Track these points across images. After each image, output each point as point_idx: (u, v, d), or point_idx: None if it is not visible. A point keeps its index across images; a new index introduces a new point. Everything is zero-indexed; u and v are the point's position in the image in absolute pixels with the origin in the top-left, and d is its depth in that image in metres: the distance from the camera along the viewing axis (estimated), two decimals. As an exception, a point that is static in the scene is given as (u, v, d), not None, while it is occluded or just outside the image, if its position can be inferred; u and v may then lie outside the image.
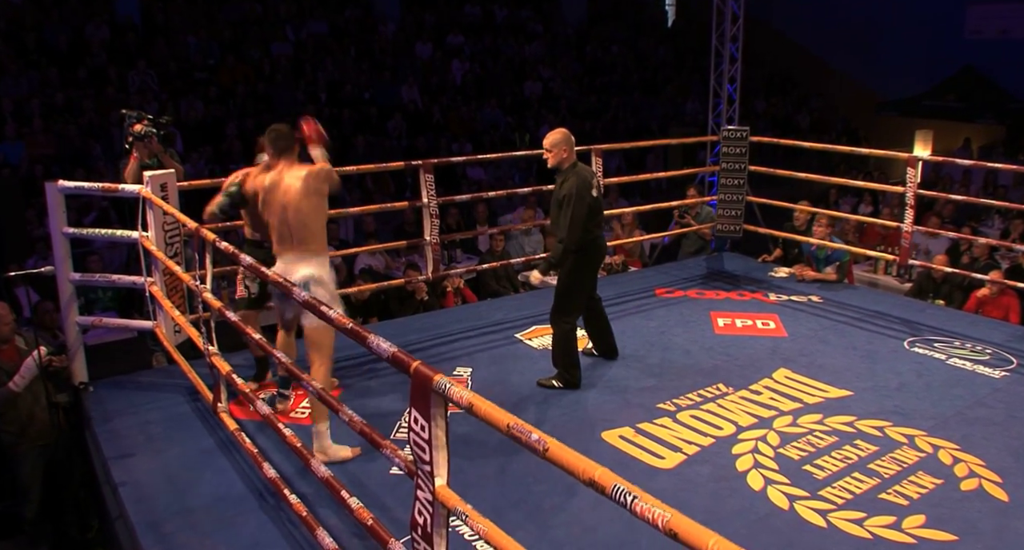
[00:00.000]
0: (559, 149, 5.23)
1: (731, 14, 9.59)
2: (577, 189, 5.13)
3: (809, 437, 4.73)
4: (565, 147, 5.24)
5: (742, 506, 4.05)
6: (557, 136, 5.27)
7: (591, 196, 5.20)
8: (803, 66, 20.82)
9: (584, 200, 5.14)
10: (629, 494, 1.66)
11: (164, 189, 5.32)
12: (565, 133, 5.32)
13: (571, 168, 5.25)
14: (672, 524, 1.55)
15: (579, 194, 5.13)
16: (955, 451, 4.59)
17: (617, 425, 4.82)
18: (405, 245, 7.33)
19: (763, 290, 7.37)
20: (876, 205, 11.95)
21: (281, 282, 3.06)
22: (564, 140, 5.25)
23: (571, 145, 5.27)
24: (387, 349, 2.30)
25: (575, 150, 5.33)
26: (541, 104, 16.16)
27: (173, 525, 3.92)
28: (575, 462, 1.77)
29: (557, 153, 5.24)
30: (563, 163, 5.26)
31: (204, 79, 13.90)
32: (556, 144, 5.23)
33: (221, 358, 4.27)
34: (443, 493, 2.21)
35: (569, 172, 5.24)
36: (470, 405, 2.01)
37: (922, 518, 3.95)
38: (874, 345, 6.18)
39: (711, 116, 9.63)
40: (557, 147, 5.23)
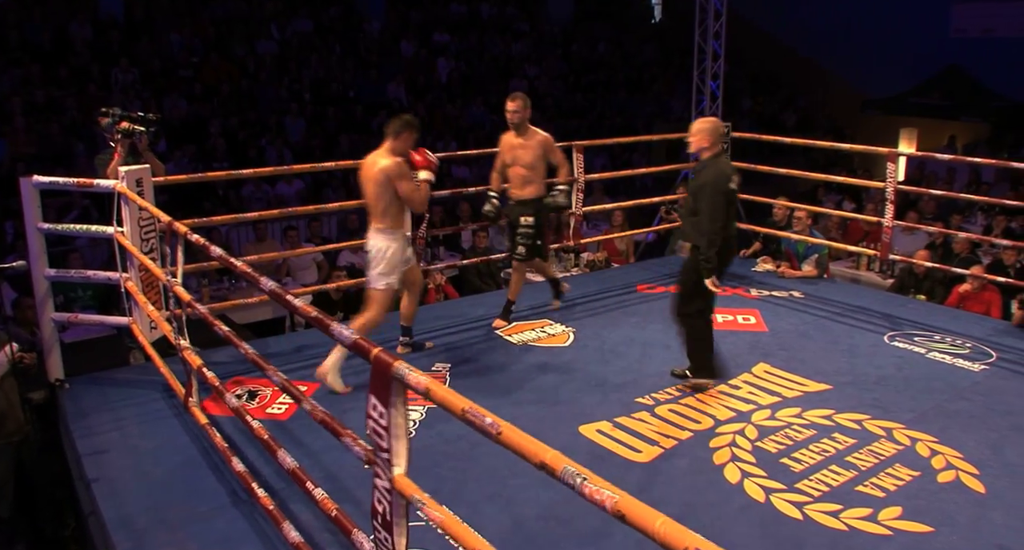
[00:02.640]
0: (701, 136, 5.03)
1: (714, 11, 9.59)
2: (715, 179, 4.97)
3: (787, 430, 4.72)
4: (708, 136, 5.03)
5: (718, 499, 4.03)
6: (703, 124, 5.10)
7: (728, 188, 4.99)
8: (789, 65, 20.85)
9: (721, 188, 4.95)
10: (578, 476, 1.64)
11: (140, 184, 5.28)
12: (713, 122, 5.15)
13: (712, 159, 5.05)
14: (620, 506, 1.53)
15: (716, 184, 4.96)
16: (933, 444, 4.59)
17: (595, 419, 4.81)
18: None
19: (745, 286, 7.37)
20: (859, 202, 11.98)
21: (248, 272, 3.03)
22: (709, 129, 5.05)
23: (716, 135, 5.05)
24: (349, 336, 2.28)
25: (719, 143, 5.08)
26: (527, 102, 16.13)
27: (145, 521, 3.89)
28: (527, 445, 1.76)
29: (698, 140, 5.04)
30: (703, 152, 5.07)
31: (188, 77, 13.83)
32: (699, 131, 5.05)
33: (193, 353, 4.24)
34: (401, 482, 2.19)
35: (708, 162, 5.06)
36: (427, 390, 1.99)
37: (898, 510, 3.94)
38: (854, 340, 6.18)
39: (694, 113, 9.64)
40: (699, 134, 5.04)
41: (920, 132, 17.41)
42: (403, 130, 5.14)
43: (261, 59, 14.67)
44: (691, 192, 5.18)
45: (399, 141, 5.13)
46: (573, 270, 8.74)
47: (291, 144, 12.85)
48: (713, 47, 9.68)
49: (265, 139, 12.77)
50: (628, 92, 17.45)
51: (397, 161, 5.05)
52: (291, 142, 12.93)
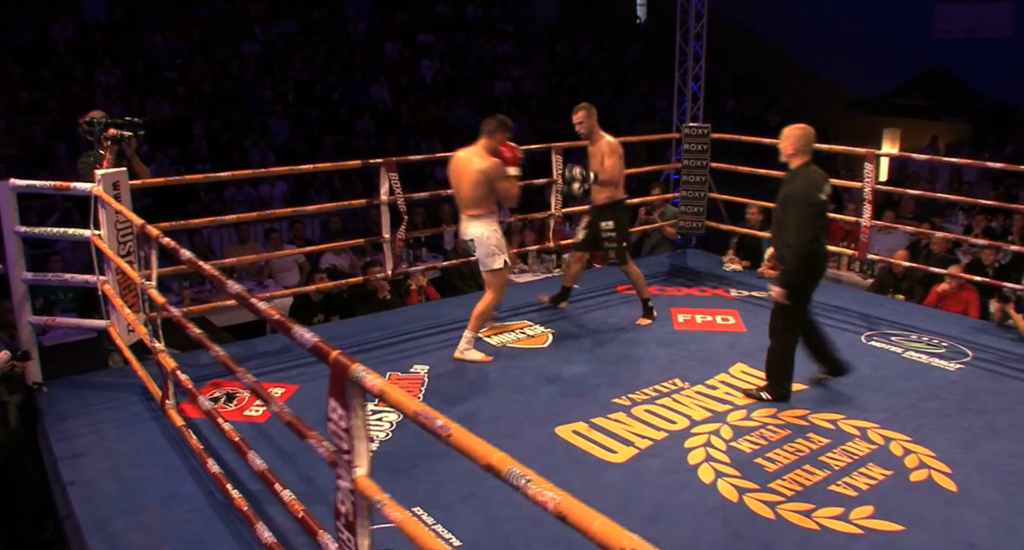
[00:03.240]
0: (788, 143, 4.89)
1: (695, 12, 9.62)
2: (805, 190, 4.80)
3: (762, 430, 4.74)
4: (796, 143, 4.88)
5: (692, 499, 4.05)
6: (794, 130, 4.92)
7: (818, 198, 4.82)
8: (773, 66, 20.93)
9: (811, 199, 4.78)
10: (523, 477, 1.66)
11: (116, 187, 5.27)
12: (804, 129, 4.92)
13: (801, 167, 4.89)
14: (561, 507, 1.55)
15: (806, 195, 4.79)
16: (906, 443, 4.62)
17: (571, 420, 4.82)
18: (364, 243, 7.30)
19: (725, 286, 7.41)
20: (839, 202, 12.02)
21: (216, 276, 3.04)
22: (799, 136, 4.89)
23: (806, 143, 4.89)
24: (309, 339, 2.29)
25: (809, 151, 4.92)
26: (511, 104, 16.16)
27: (120, 523, 3.89)
28: (475, 447, 1.78)
29: (786, 147, 4.92)
30: (792, 160, 4.92)
31: (171, 79, 13.81)
32: (787, 137, 4.91)
33: (168, 355, 4.24)
34: (362, 483, 2.20)
35: (798, 171, 4.89)
36: (382, 392, 2.00)
37: (870, 509, 3.97)
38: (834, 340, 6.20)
39: (676, 114, 9.67)
40: (787, 141, 4.90)
41: (903, 132, 17.51)
42: (497, 130, 5.48)
43: (245, 61, 14.66)
44: (779, 202, 5.00)
45: (493, 139, 5.48)
46: (556, 271, 8.75)
47: (274, 146, 12.84)
48: (695, 48, 9.71)
49: (248, 141, 12.76)
50: (613, 93, 17.47)
51: (496, 163, 5.42)
52: (274, 144, 12.92)
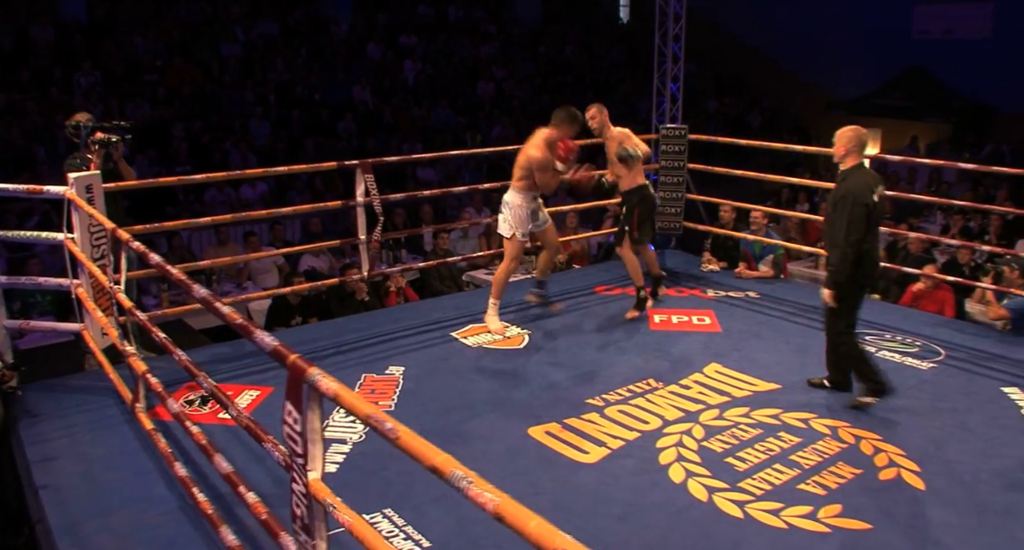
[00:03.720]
0: (840, 144, 4.88)
1: (673, 14, 9.65)
2: (856, 190, 4.78)
3: (734, 430, 4.77)
4: (848, 144, 4.87)
5: (662, 499, 4.07)
6: (846, 131, 4.91)
7: (870, 199, 4.78)
8: (755, 66, 21.03)
9: (861, 200, 4.75)
10: (464, 479, 1.68)
11: (90, 190, 5.26)
12: (856, 130, 4.92)
13: (853, 168, 4.88)
14: (499, 508, 1.57)
15: (857, 196, 4.76)
16: (876, 442, 4.66)
17: (544, 421, 4.83)
18: (340, 244, 7.31)
19: (702, 286, 7.43)
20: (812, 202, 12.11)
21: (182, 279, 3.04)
22: (851, 137, 4.88)
23: (857, 144, 4.88)
24: (269, 343, 2.30)
25: (862, 152, 4.92)
26: (494, 105, 16.17)
27: (91, 527, 3.88)
28: (421, 449, 1.80)
29: (838, 148, 4.90)
30: (844, 161, 4.90)
31: (152, 80, 13.77)
32: (839, 138, 4.90)
33: (138, 359, 4.24)
34: (316, 486, 2.21)
35: (849, 172, 4.89)
36: (336, 396, 2.01)
37: (838, 507, 4.00)
38: (806, 339, 6.23)
39: (655, 115, 9.70)
40: (839, 142, 4.89)
41: (884, 132, 17.60)
42: (564, 122, 5.92)
43: (226, 62, 14.63)
44: (831, 202, 5.00)
45: (558, 130, 5.93)
46: (534, 271, 8.75)
47: (255, 147, 12.82)
48: (673, 49, 9.75)
49: (229, 142, 12.73)
50: (595, 94, 17.49)
51: (545, 157, 5.88)
52: (255, 145, 12.90)
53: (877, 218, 4.94)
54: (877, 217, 4.93)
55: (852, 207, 4.78)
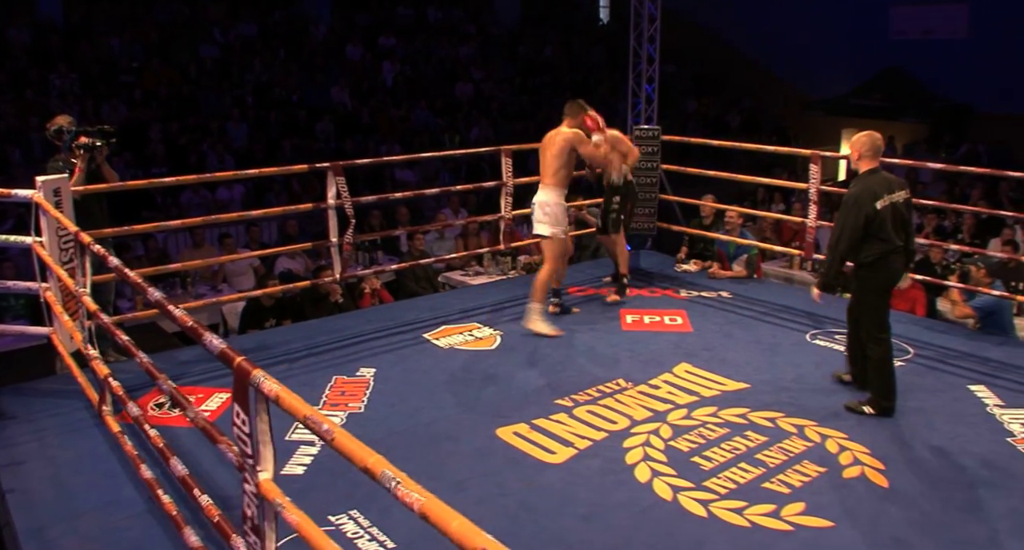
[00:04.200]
0: (854, 149, 4.91)
1: (648, 15, 9.68)
2: (857, 196, 4.78)
3: (701, 429, 4.79)
4: (861, 149, 4.88)
5: (627, 498, 4.09)
6: (860, 137, 4.92)
7: (872, 206, 4.75)
8: (735, 67, 21.11)
9: (861, 207, 4.74)
10: (394, 480, 1.69)
11: (58, 194, 5.24)
12: (870, 136, 4.91)
13: (866, 174, 4.88)
14: (424, 508, 1.59)
15: (857, 202, 4.77)
16: (842, 440, 4.69)
17: (512, 422, 4.84)
18: (311, 246, 7.31)
19: (675, 287, 7.46)
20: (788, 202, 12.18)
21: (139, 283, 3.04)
22: (864, 142, 4.88)
23: (871, 149, 4.86)
24: (217, 346, 2.31)
25: (876, 157, 4.89)
26: (472, 106, 16.18)
27: (58, 530, 3.87)
28: (355, 450, 1.81)
29: (853, 154, 4.94)
30: (859, 165, 4.91)
31: (128, 82, 13.71)
32: (852, 144, 4.94)
33: (101, 362, 4.23)
34: (266, 486, 2.22)
35: (861, 177, 4.90)
36: (277, 398, 2.02)
37: (801, 505, 4.02)
38: (777, 338, 6.29)
39: (630, 116, 9.73)
40: (853, 147, 4.92)
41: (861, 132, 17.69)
42: (579, 112, 6.24)
43: (203, 63, 14.58)
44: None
45: (576, 119, 6.24)
46: (511, 273, 8.79)
47: (233, 149, 12.79)
48: (648, 50, 9.78)
49: (206, 144, 12.69)
50: (575, 94, 17.47)
51: (577, 132, 6.17)
52: (233, 147, 12.87)
53: (889, 223, 4.84)
54: (888, 222, 4.83)
55: (848, 211, 4.82)
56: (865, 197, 4.78)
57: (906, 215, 4.96)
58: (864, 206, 4.77)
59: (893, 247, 4.86)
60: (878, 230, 4.80)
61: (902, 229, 4.92)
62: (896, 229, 4.87)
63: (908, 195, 4.97)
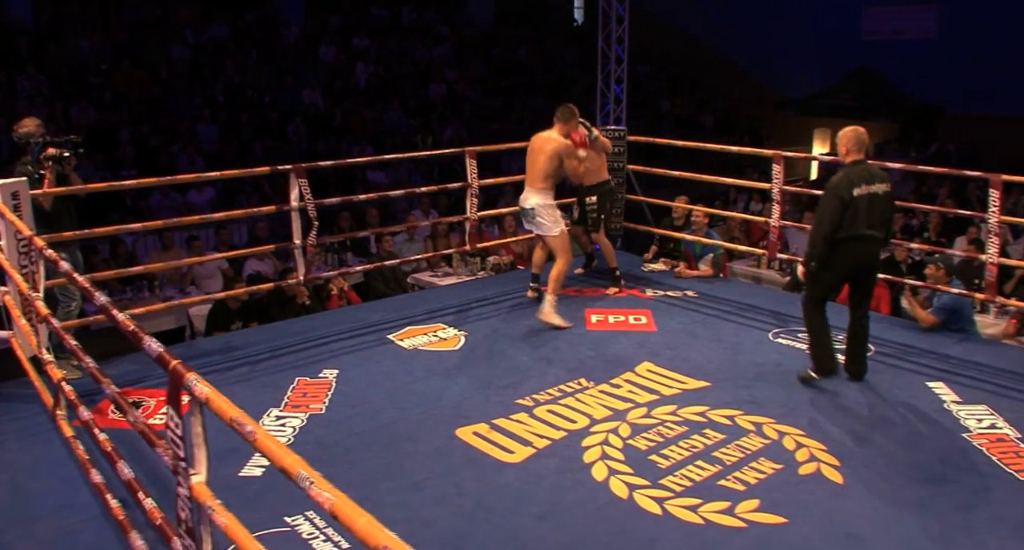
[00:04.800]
0: (841, 144, 5.28)
1: (616, 16, 9.73)
2: (835, 183, 5.18)
3: (660, 428, 4.82)
4: (848, 143, 5.25)
5: (582, 497, 4.11)
6: (846, 132, 5.31)
7: (850, 193, 5.12)
8: (709, 68, 21.21)
9: (838, 193, 5.13)
10: (308, 480, 1.70)
11: (16, 198, 5.22)
12: (854, 131, 5.31)
13: (850, 165, 5.24)
14: (334, 507, 1.60)
15: (835, 186, 5.17)
16: (799, 437, 4.73)
17: (472, 421, 4.86)
18: (274, 249, 7.30)
19: (640, 286, 7.49)
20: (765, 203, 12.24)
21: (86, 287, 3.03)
22: (850, 137, 5.27)
23: (855, 142, 5.25)
24: (155, 349, 2.32)
25: (861, 150, 5.26)
26: (446, 106, 16.18)
27: (12, 535, 3.86)
28: (274, 450, 1.82)
29: (840, 148, 5.30)
30: (847, 159, 5.26)
31: (98, 84, 13.62)
32: (839, 139, 5.31)
33: (55, 366, 4.21)
34: (198, 489, 2.23)
35: (844, 167, 5.27)
36: (207, 400, 2.03)
37: (756, 502, 4.06)
38: (740, 337, 6.33)
39: (599, 116, 9.77)
40: (840, 142, 5.30)
41: (833, 132, 17.82)
42: (569, 118, 6.54)
43: (174, 65, 14.50)
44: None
45: (567, 125, 6.54)
46: (480, 273, 8.80)
47: (203, 151, 12.71)
48: (616, 51, 9.82)
49: (176, 146, 12.62)
50: (548, 95, 17.56)
51: (568, 143, 6.50)
52: (203, 149, 12.79)
53: (863, 211, 5.14)
54: (863, 210, 5.14)
55: (826, 199, 5.21)
56: (843, 184, 5.14)
57: (885, 206, 5.27)
58: (841, 191, 5.12)
59: (858, 234, 5.16)
60: (851, 215, 5.12)
61: (879, 219, 5.24)
62: (872, 218, 5.18)
63: (888, 188, 5.27)
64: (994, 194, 6.14)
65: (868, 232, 5.19)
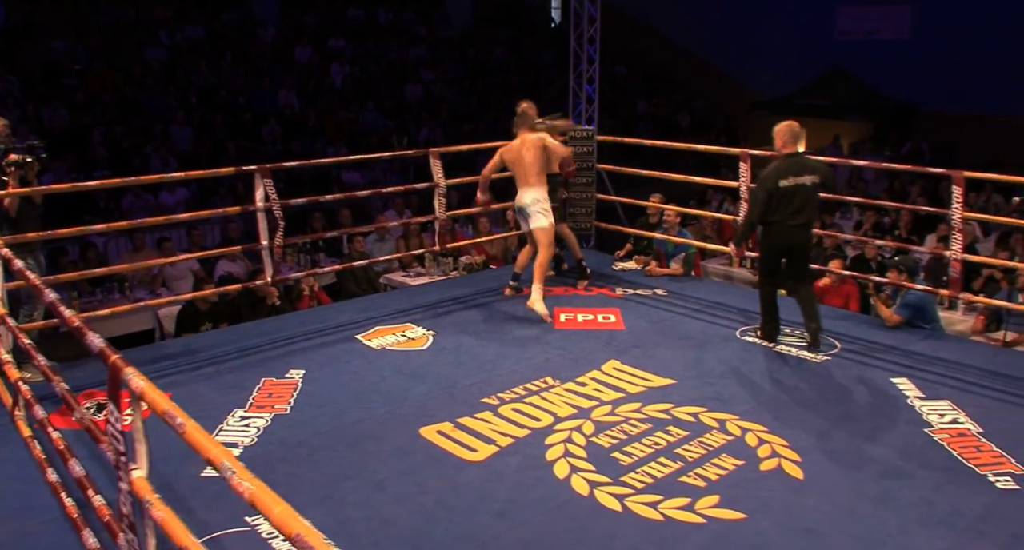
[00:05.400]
0: (777, 137, 5.84)
1: (588, 16, 9.75)
2: (765, 174, 5.77)
3: (624, 425, 4.84)
4: (782, 137, 5.82)
5: (543, 494, 4.12)
6: (780, 127, 5.86)
7: (775, 184, 5.68)
8: (686, 68, 21.30)
9: (765, 184, 5.72)
10: (230, 470, 1.71)
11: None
12: (788, 125, 5.85)
13: (784, 157, 5.79)
14: (252, 496, 1.60)
15: (764, 178, 5.76)
16: (762, 433, 4.76)
17: (437, 420, 4.86)
18: (240, 250, 7.28)
19: (611, 285, 7.51)
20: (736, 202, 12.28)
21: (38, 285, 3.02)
22: (784, 131, 5.83)
23: (789, 136, 5.80)
24: (97, 344, 2.31)
25: (795, 142, 5.83)
26: (422, 107, 16.17)
27: (-30, 539, 3.83)
28: (201, 442, 1.82)
29: (776, 142, 5.85)
30: (781, 150, 5.82)
31: (71, 85, 13.53)
32: (775, 131, 5.87)
33: (13, 366, 4.19)
34: (139, 484, 2.22)
35: (779, 159, 5.82)
36: (141, 393, 2.03)
37: (716, 498, 4.08)
38: (707, 335, 6.35)
39: (571, 116, 9.78)
40: (776, 136, 5.85)
41: (808, 131, 17.92)
42: (525, 120, 6.89)
43: (148, 66, 14.42)
44: None
45: (526, 126, 6.86)
46: (452, 273, 8.80)
47: (177, 152, 12.65)
48: (588, 51, 9.84)
49: (150, 147, 12.55)
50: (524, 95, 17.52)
51: (543, 135, 6.85)
52: (177, 150, 12.73)
53: (789, 199, 5.71)
54: (789, 199, 5.71)
55: (759, 187, 5.79)
56: (771, 176, 5.74)
57: (810, 196, 5.80)
58: (767, 183, 5.73)
59: (781, 220, 5.77)
60: (777, 203, 5.72)
61: (803, 207, 5.78)
62: (795, 207, 5.74)
63: (818, 179, 5.81)
64: (957, 191, 6.19)
65: (790, 219, 5.75)
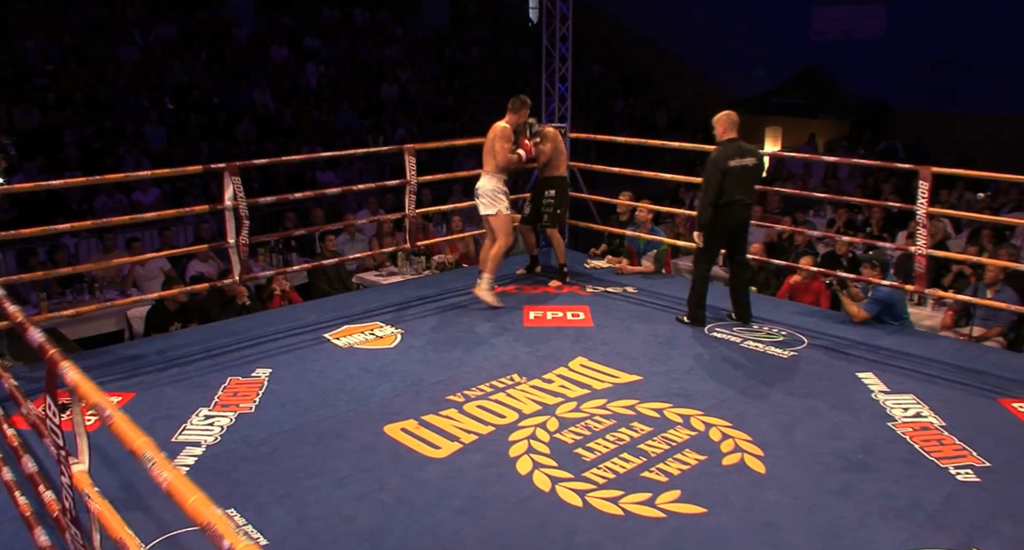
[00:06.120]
0: (717, 124, 6.23)
1: (560, 14, 9.76)
2: (714, 156, 6.11)
3: (588, 421, 4.84)
4: (722, 124, 6.21)
5: (504, 491, 4.12)
6: (720, 116, 6.25)
7: (726, 164, 6.04)
8: (664, 68, 21.37)
9: (718, 165, 6.05)
10: (151, 461, 1.70)
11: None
12: (726, 114, 6.25)
13: (725, 142, 6.16)
14: (169, 485, 1.60)
15: (714, 160, 6.09)
16: (726, 428, 4.77)
17: (402, 418, 4.86)
18: (207, 248, 7.24)
19: (581, 283, 7.52)
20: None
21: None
22: (722, 119, 6.23)
23: (728, 123, 6.19)
24: (36, 339, 2.30)
25: (734, 129, 6.19)
26: (397, 107, 16.14)
27: (-73, 541, 3.80)
28: (126, 432, 1.82)
29: (716, 128, 6.24)
30: (721, 137, 6.19)
31: (43, 85, 13.44)
32: (715, 120, 6.27)
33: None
34: (79, 478, 2.21)
35: (719, 144, 6.18)
36: (75, 386, 2.02)
37: (677, 493, 4.09)
38: (676, 332, 6.37)
39: (544, 115, 9.79)
40: (716, 124, 6.25)
41: (784, 130, 18.04)
42: (521, 107, 6.85)
43: (121, 66, 14.33)
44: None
45: (517, 115, 6.84)
46: (424, 272, 8.79)
47: (150, 153, 12.58)
48: (560, 50, 9.85)
49: (123, 148, 12.48)
50: (501, 94, 17.55)
51: (505, 127, 6.74)
52: (150, 151, 12.66)
53: (739, 181, 6.09)
54: (739, 180, 6.09)
55: (710, 170, 6.10)
56: (721, 158, 6.10)
57: (753, 176, 6.25)
58: (719, 164, 6.08)
59: (733, 200, 6.12)
60: (729, 184, 6.07)
61: (748, 187, 6.21)
62: (743, 187, 6.14)
63: (757, 161, 6.26)
64: (923, 186, 6.24)
65: (740, 198, 6.13)
